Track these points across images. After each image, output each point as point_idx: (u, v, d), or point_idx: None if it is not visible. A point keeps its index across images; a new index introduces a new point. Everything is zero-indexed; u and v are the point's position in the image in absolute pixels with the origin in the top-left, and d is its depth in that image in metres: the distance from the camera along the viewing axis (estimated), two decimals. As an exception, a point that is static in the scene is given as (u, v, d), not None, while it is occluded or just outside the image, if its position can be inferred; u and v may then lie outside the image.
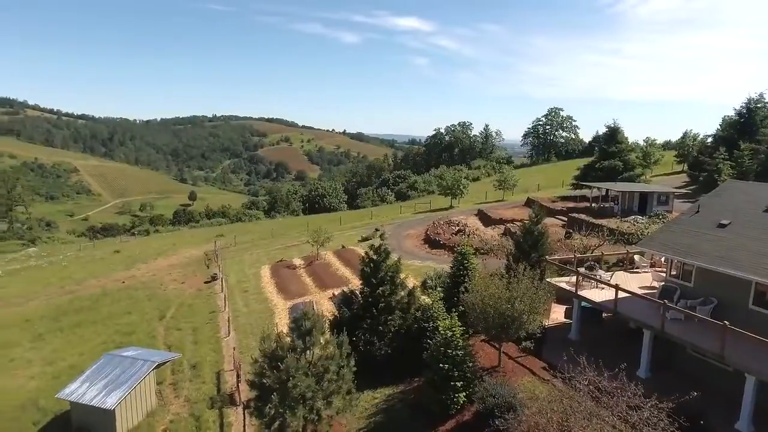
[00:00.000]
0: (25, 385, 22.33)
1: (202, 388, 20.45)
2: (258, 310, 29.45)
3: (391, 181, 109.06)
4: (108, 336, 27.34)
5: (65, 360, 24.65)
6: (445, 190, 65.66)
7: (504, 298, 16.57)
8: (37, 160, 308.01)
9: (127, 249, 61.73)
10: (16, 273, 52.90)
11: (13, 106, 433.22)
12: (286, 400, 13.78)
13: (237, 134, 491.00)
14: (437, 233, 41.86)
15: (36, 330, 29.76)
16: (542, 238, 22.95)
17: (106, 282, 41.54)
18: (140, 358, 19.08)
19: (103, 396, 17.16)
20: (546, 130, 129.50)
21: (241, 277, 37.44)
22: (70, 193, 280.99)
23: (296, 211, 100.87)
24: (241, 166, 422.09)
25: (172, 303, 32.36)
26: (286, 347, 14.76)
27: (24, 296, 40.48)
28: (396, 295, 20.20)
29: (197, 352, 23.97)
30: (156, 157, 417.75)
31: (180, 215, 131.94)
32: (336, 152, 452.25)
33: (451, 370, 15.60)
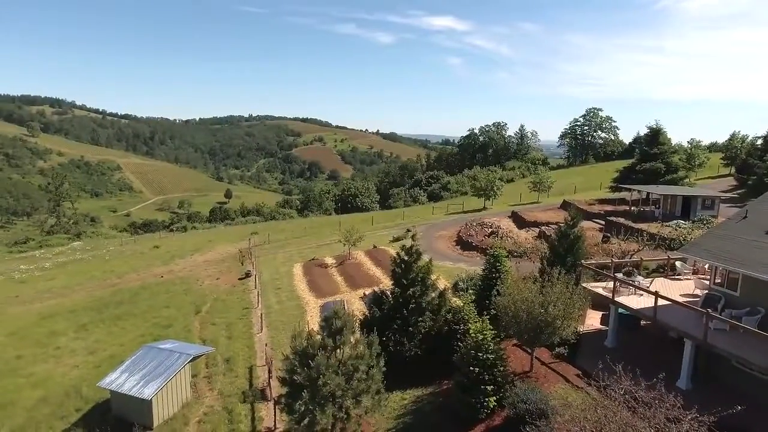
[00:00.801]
0: (68, 372, 23.34)
1: (234, 382, 20.89)
2: (290, 308, 29.85)
3: (424, 181, 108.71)
4: (146, 329, 28.26)
5: (106, 350, 25.62)
6: (479, 191, 64.93)
7: (537, 303, 16.25)
8: (84, 157, 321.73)
9: (165, 245, 63.68)
10: (63, 265, 55.37)
11: (62, 107, 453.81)
12: (315, 398, 13.92)
13: (272, 134, 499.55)
14: (469, 235, 41.43)
15: (80, 320, 31.04)
16: (578, 242, 22.38)
17: (145, 276, 42.96)
18: (177, 351, 19.63)
19: (141, 386, 17.75)
20: (584, 131, 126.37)
21: (274, 275, 38.02)
22: (114, 190, 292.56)
23: (329, 211, 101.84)
24: (275, 166, 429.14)
25: (208, 298, 33.16)
26: (317, 345, 14.90)
27: (69, 288, 42.35)
28: (427, 297, 20.11)
29: (231, 347, 24.48)
30: (194, 156, 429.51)
31: (216, 213, 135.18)
32: (369, 152, 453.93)
33: (482, 373, 15.40)
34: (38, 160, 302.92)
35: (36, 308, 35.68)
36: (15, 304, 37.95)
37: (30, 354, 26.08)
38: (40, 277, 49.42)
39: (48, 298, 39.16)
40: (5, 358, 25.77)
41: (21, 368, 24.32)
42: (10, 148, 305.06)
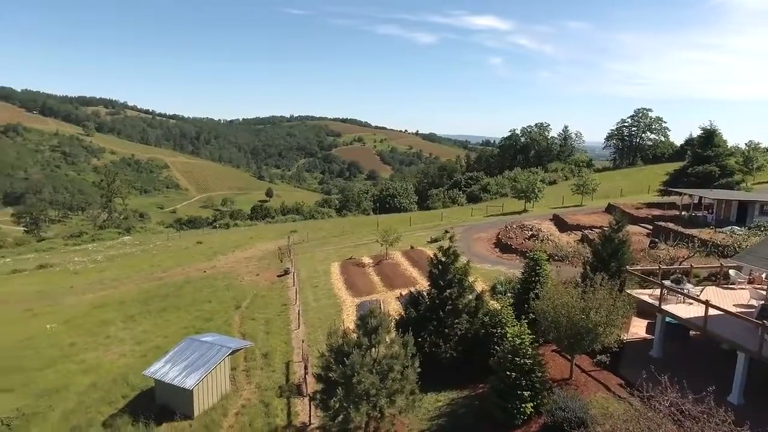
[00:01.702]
0: (116, 361, 24.42)
1: (272, 377, 21.29)
2: (327, 306, 30.18)
3: (463, 182, 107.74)
4: (189, 321, 29.21)
5: (152, 341, 26.64)
6: (519, 193, 63.75)
7: (578, 308, 15.77)
8: (134, 156, 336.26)
9: (208, 241, 65.71)
10: (113, 258, 58.04)
11: (115, 107, 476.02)
12: (350, 395, 14.00)
13: (312, 134, 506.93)
14: (509, 237, 40.72)
15: (128, 311, 32.42)
16: (623, 247, 21.58)
17: (189, 271, 44.43)
18: (217, 344, 20.19)
19: (184, 376, 18.35)
20: (632, 132, 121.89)
21: (312, 273, 38.53)
22: (161, 188, 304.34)
23: (367, 210, 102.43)
24: (315, 165, 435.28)
25: (248, 294, 33.95)
26: (352, 343, 14.99)
27: (119, 280, 44.33)
28: (464, 299, 19.87)
29: (269, 342, 24.97)
30: (237, 155, 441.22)
31: (257, 211, 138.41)
32: (408, 153, 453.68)
33: (519, 378, 15.08)
34: (92, 158, 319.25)
35: (88, 298, 37.52)
36: (69, 294, 40.05)
37: (82, 341, 27.45)
38: (92, 269, 51.97)
39: (99, 289, 41.12)
40: (60, 344, 27.23)
41: (74, 355, 25.63)
42: (67, 147, 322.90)
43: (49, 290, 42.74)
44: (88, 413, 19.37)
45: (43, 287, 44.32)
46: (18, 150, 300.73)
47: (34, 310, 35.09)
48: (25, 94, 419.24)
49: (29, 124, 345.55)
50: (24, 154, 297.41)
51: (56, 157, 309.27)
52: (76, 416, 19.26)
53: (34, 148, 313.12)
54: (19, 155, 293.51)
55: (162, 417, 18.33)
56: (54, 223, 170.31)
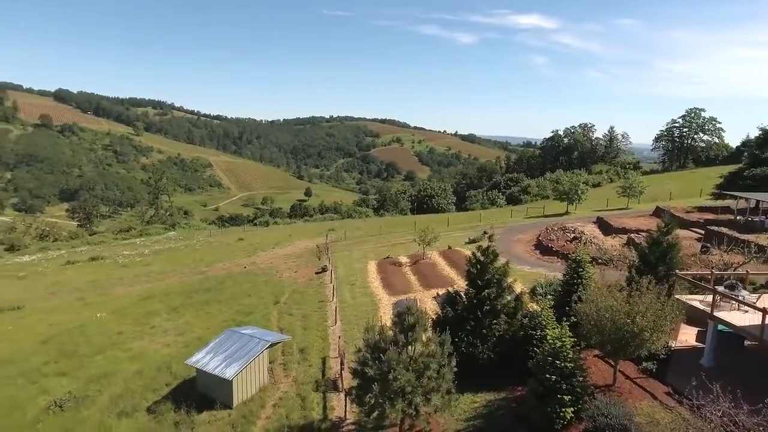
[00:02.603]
0: (161, 350, 25.27)
1: (308, 371, 21.53)
2: (363, 303, 30.29)
3: (503, 184, 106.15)
4: (230, 314, 29.92)
5: (194, 332, 27.44)
6: (561, 194, 62.16)
7: (623, 312, 15.19)
8: (180, 155, 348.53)
9: (249, 238, 67.25)
10: (159, 253, 60.22)
11: (163, 108, 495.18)
12: (386, 392, 13.97)
13: (351, 134, 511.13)
14: (550, 239, 39.74)
15: (172, 303, 33.52)
16: (672, 250, 20.64)
17: (230, 266, 45.57)
18: (256, 337, 20.57)
19: (224, 367, 18.80)
20: (683, 133, 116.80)
21: (349, 271, 38.78)
22: (205, 186, 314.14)
23: (404, 211, 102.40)
24: (353, 166, 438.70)
25: (286, 289, 34.49)
26: (389, 340, 14.95)
27: (164, 273, 45.94)
28: (502, 299, 19.49)
29: (306, 337, 25.28)
30: (278, 155, 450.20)
31: (296, 209, 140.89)
32: (446, 153, 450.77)
33: (559, 382, 14.65)
34: (141, 157, 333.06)
35: (135, 290, 39.06)
36: (118, 286, 41.82)
37: (129, 330, 28.59)
38: (139, 262, 54.10)
39: (146, 281, 42.75)
40: (109, 332, 28.45)
41: (121, 343, 26.71)
42: (118, 146, 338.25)
43: (99, 281, 44.79)
44: (134, 399, 20.13)
45: (94, 278, 46.48)
46: (73, 149, 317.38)
47: (86, 300, 36.83)
48: (81, 95, 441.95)
49: (84, 124, 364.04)
50: (79, 153, 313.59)
51: (108, 156, 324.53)
52: (122, 401, 20.07)
53: (88, 146, 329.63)
54: (74, 154, 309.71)
55: (203, 405, 18.85)
56: (105, 219, 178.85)
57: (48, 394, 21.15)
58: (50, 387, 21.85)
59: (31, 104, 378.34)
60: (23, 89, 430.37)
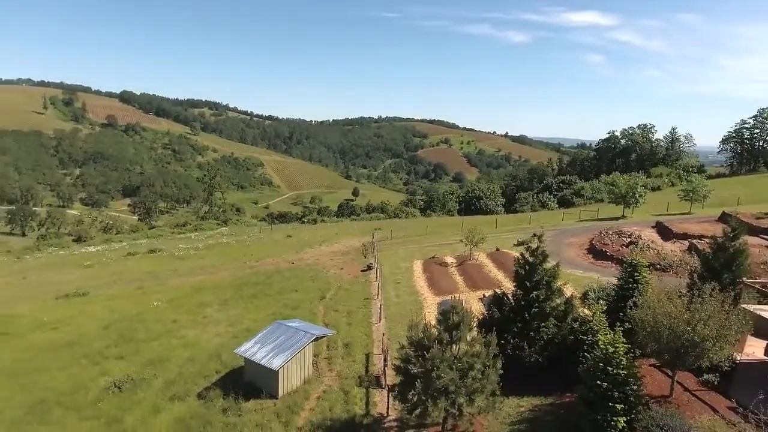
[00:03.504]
0: (212, 339, 26.19)
1: (352, 367, 21.68)
2: (408, 302, 30.22)
3: (554, 186, 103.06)
4: (277, 308, 30.61)
5: (243, 323, 28.27)
6: (617, 198, 59.58)
7: (682, 319, 14.37)
8: (233, 154, 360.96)
9: (297, 235, 68.64)
10: (212, 247, 62.53)
11: (218, 109, 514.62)
12: (429, 390, 13.84)
13: (399, 135, 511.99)
14: (604, 243, 38.22)
15: (223, 296, 34.69)
16: (740, 257, 19.37)
17: (279, 262, 46.64)
18: (302, 330, 20.92)
19: (271, 357, 19.24)
20: (754, 135, 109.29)
21: (395, 269, 38.80)
22: (256, 184, 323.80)
23: (451, 212, 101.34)
24: (401, 166, 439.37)
25: (332, 286, 34.93)
26: (433, 338, 14.81)
27: (216, 267, 47.64)
28: (551, 302, 18.89)
29: (350, 333, 25.48)
30: (326, 155, 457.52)
31: (343, 208, 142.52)
32: (496, 155, 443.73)
33: (610, 389, 14.01)
34: (197, 156, 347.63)
35: (190, 281, 40.70)
36: (174, 277, 43.74)
37: (183, 319, 29.81)
38: (194, 255, 56.38)
39: (199, 273, 44.47)
40: (164, 321, 29.78)
41: (176, 331, 27.90)
42: (176, 145, 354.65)
43: (157, 272, 47.02)
44: (186, 384, 20.97)
45: (152, 269, 48.85)
46: (136, 147, 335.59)
47: (144, 289, 38.74)
48: (144, 97, 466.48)
49: (146, 124, 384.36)
50: (141, 151, 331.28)
51: (167, 154, 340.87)
52: (175, 385, 20.95)
53: (149, 145, 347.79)
54: (136, 152, 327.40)
55: (250, 393, 19.36)
56: (163, 214, 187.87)
57: (108, 375, 22.37)
58: (110, 369, 23.12)
59: (99, 105, 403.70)
60: (92, 91, 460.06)
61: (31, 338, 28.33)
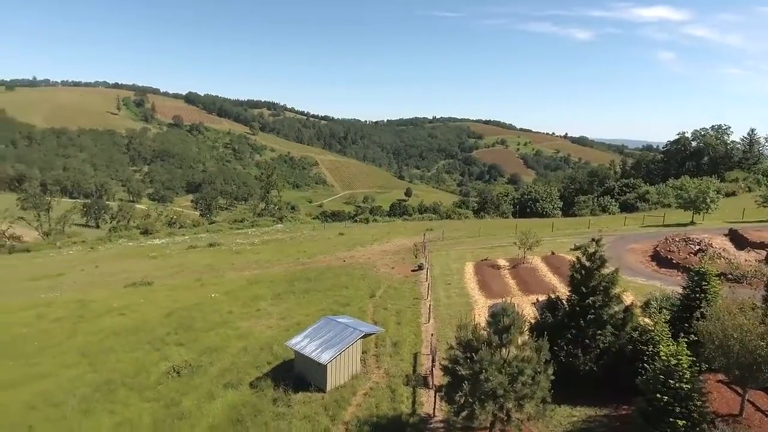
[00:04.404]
0: (264, 331, 26.99)
1: (399, 365, 21.67)
2: (458, 303, 29.84)
3: (617, 189, 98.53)
4: (327, 304, 31.10)
5: (294, 318, 28.93)
6: (686, 203, 56.02)
7: (756, 333, 13.36)
8: (289, 153, 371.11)
9: (349, 233, 69.47)
10: (267, 243, 64.45)
11: (276, 109, 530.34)
12: (476, 392, 13.59)
13: (453, 135, 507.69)
14: (670, 251, 36.11)
15: (276, 290, 35.65)
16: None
17: (330, 259, 47.39)
18: (351, 326, 21.12)
19: (319, 352, 19.56)
20: None
21: (445, 270, 38.43)
22: (311, 183, 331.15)
23: (506, 214, 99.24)
24: (455, 167, 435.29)
25: (382, 284, 35.06)
26: (482, 340, 14.53)
27: (270, 262, 49.05)
28: (609, 309, 18.05)
29: (399, 332, 25.47)
30: (380, 155, 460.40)
31: (396, 208, 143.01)
32: (554, 156, 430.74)
33: (672, 404, 13.19)
34: (256, 155, 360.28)
35: (245, 275, 42.14)
36: (231, 270, 45.45)
37: (238, 311, 30.91)
38: (250, 250, 58.35)
39: (254, 268, 45.96)
40: (221, 311, 31.00)
41: (231, 322, 28.98)
42: (236, 144, 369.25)
43: (215, 265, 49.04)
44: (239, 373, 21.73)
45: (211, 262, 51.01)
46: (199, 146, 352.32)
47: (203, 281, 40.50)
48: (207, 98, 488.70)
49: (209, 123, 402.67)
50: (203, 150, 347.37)
51: (227, 153, 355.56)
52: (229, 374, 21.77)
53: (211, 144, 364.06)
54: (199, 151, 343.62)
55: (299, 386, 19.79)
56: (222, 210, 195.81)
57: (168, 360, 23.57)
58: (170, 355, 24.35)
59: (166, 106, 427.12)
60: (160, 93, 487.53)
61: (101, 322, 30.34)
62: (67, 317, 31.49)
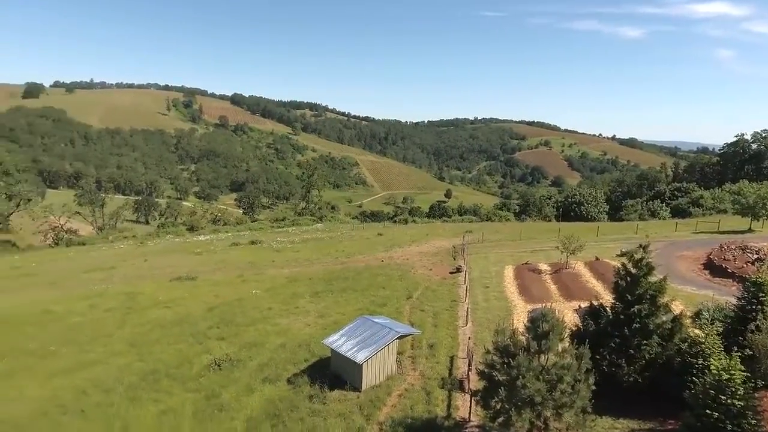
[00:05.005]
0: (302, 329, 27.40)
1: (435, 368, 21.51)
2: (496, 307, 29.37)
3: (668, 194, 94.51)
4: (364, 304, 31.25)
5: (331, 316, 29.23)
6: (744, 209, 53.15)
7: (820, 350, 12.44)
8: (330, 154, 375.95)
9: (387, 233, 69.57)
10: (307, 241, 65.40)
11: (318, 110, 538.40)
12: (513, 398, 13.31)
13: (495, 137, 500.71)
14: (724, 259, 34.32)
15: (315, 288, 36.13)
16: None
17: (368, 259, 47.61)
18: (387, 327, 21.13)
19: (355, 351, 19.67)
20: None
21: (484, 273, 37.91)
22: (351, 183, 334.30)
23: (548, 217, 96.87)
24: (496, 169, 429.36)
25: (419, 286, 34.93)
26: (519, 345, 14.23)
27: (310, 260, 49.76)
28: (656, 318, 17.30)
29: (435, 334, 25.30)
30: (420, 156, 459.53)
31: (435, 209, 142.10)
32: (601, 159, 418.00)
33: (723, 421, 12.52)
34: (297, 155, 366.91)
35: (285, 273, 42.92)
36: (271, 268, 46.38)
37: (278, 308, 31.51)
38: (290, 248, 59.36)
39: (294, 266, 46.74)
40: (261, 308, 31.69)
41: (270, 318, 29.57)
42: (279, 144, 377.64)
43: (256, 262, 50.16)
44: (277, 368, 22.13)
45: (252, 259, 52.21)
46: (243, 146, 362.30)
47: (245, 277, 41.52)
48: (252, 99, 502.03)
49: (253, 124, 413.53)
50: (247, 150, 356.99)
51: (270, 153, 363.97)
52: (267, 369, 22.21)
53: (254, 144, 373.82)
54: (243, 150, 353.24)
55: (334, 384, 19.98)
56: (265, 209, 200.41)
57: (210, 353, 24.27)
58: (212, 348, 25.08)
59: (213, 107, 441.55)
60: (207, 94, 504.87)
61: (148, 314, 31.61)
62: (117, 308, 32.99)
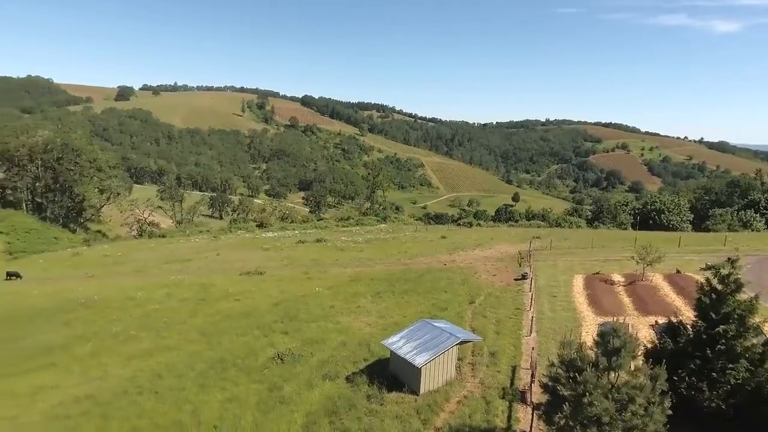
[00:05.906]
0: (363, 328, 27.66)
1: (496, 377, 20.91)
2: (563, 318, 28.11)
3: (763, 203, 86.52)
4: (425, 307, 31.04)
5: (392, 317, 29.28)
6: None
7: None
8: (396, 155, 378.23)
9: (451, 236, 68.74)
10: (370, 241, 66.07)
11: (385, 111, 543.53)
12: (578, 416, 12.61)
13: (568, 139, 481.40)
14: (826, 277, 30.79)
15: (376, 288, 36.37)
16: None
17: (431, 261, 47.29)
18: (448, 331, 20.82)
19: (414, 354, 19.54)
20: None
21: (551, 282, 36.45)
22: (416, 184, 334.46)
23: (624, 225, 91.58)
24: (568, 172, 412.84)
25: (482, 291, 34.18)
26: (587, 360, 13.46)
27: (372, 260, 50.20)
28: (744, 341, 15.79)
29: (497, 342, 24.61)
30: (487, 158, 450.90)
31: (501, 213, 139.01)
32: (686, 164, 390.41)
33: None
34: (364, 155, 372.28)
35: (348, 272, 43.59)
36: (335, 266, 47.29)
37: (339, 306, 32.05)
38: (353, 248, 60.26)
39: (357, 265, 47.36)
40: (323, 305, 32.37)
41: (332, 315, 30.12)
42: (346, 145, 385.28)
43: (321, 260, 51.38)
44: (337, 366, 22.48)
45: (317, 257, 53.53)
46: (311, 146, 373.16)
47: (309, 274, 42.62)
48: (321, 100, 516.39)
49: (321, 125, 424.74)
50: (315, 150, 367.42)
51: (337, 153, 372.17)
52: (328, 365, 22.62)
53: (322, 145, 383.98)
54: (312, 150, 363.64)
55: (392, 386, 19.96)
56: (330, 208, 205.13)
57: (274, 347, 25.12)
58: (276, 341, 25.94)
59: (284, 108, 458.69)
60: (279, 96, 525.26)
61: (219, 305, 33.26)
62: (191, 298, 34.99)
